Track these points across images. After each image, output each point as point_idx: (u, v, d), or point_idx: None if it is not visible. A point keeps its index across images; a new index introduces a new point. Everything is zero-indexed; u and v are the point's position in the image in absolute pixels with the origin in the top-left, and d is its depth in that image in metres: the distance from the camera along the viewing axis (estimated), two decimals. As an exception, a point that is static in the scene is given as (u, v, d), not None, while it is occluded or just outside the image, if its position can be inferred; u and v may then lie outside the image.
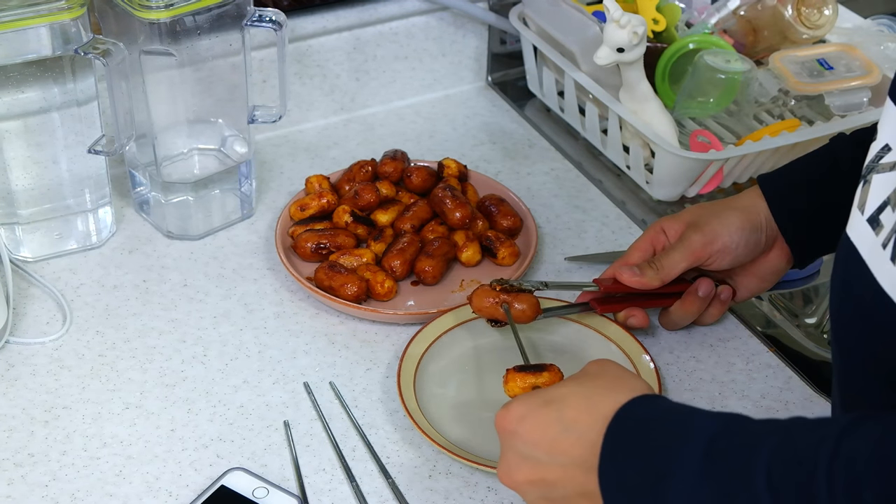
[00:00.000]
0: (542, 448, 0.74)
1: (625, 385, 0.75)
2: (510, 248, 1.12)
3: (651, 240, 1.02)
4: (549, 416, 0.75)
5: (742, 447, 0.64)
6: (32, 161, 1.08)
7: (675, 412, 0.71)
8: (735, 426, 0.67)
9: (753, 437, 0.65)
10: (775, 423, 0.66)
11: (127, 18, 1.05)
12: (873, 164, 0.74)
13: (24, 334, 1.04)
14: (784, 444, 0.63)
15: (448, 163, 1.21)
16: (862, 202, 0.74)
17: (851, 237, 0.75)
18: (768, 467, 0.62)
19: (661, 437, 0.68)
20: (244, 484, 0.89)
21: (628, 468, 0.69)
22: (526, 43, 1.36)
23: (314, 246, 1.11)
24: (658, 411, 0.71)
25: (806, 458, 0.61)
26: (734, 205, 1.00)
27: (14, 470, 0.91)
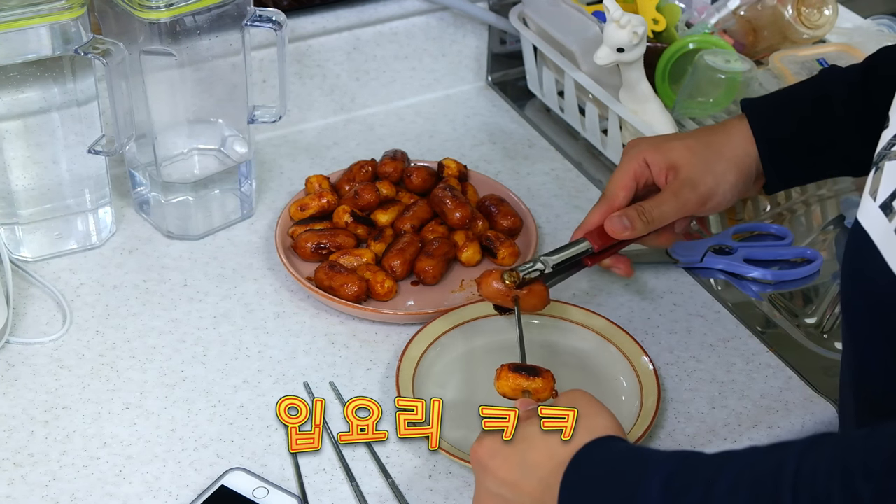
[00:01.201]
0: (507, 487, 0.76)
1: (589, 425, 0.75)
2: (510, 248, 1.12)
3: (634, 175, 0.98)
4: (514, 457, 0.77)
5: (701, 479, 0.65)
6: (32, 161, 1.08)
7: (631, 453, 0.72)
8: (692, 461, 0.68)
9: (712, 469, 0.66)
10: (730, 453, 0.66)
11: (127, 18, 1.05)
12: (886, 150, 0.74)
13: (24, 334, 1.04)
14: (744, 472, 0.64)
15: (448, 163, 1.21)
16: (874, 189, 0.74)
17: (863, 223, 0.75)
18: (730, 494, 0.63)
19: (618, 478, 0.70)
20: (244, 484, 0.89)
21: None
22: (526, 43, 1.36)
23: (314, 246, 1.11)
24: (613, 454, 0.73)
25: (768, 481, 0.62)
26: (728, 154, 0.97)
27: (14, 470, 0.91)
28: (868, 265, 0.73)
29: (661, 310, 1.09)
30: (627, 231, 0.96)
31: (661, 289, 1.11)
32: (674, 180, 0.97)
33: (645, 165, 0.98)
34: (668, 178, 0.97)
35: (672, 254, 1.14)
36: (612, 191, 0.98)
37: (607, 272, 1.12)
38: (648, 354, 1.00)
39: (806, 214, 1.24)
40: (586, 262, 1.00)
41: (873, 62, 0.96)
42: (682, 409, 0.98)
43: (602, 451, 0.73)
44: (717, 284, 1.13)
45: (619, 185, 0.98)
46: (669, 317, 1.08)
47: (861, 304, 0.77)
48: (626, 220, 0.96)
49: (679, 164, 0.97)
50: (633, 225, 0.96)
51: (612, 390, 0.99)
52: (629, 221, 0.96)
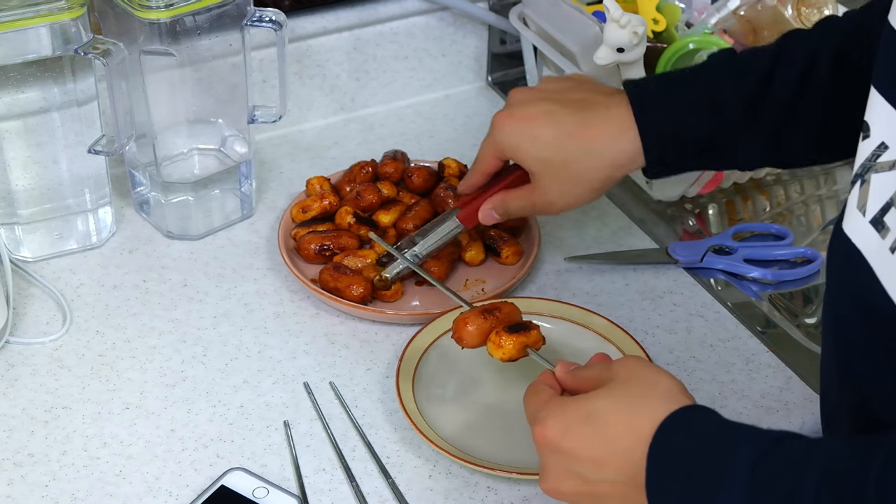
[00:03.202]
0: (588, 466, 0.73)
1: (658, 393, 0.74)
2: (514, 248, 1.12)
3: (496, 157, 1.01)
4: (591, 433, 0.74)
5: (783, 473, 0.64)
6: (32, 161, 1.08)
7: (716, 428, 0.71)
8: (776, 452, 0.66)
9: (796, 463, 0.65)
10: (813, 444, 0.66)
11: (127, 18, 1.05)
12: (870, 162, 0.72)
13: (24, 334, 1.04)
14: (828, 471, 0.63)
15: (448, 163, 1.21)
16: (862, 203, 0.72)
17: (852, 237, 0.73)
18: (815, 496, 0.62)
19: (703, 459, 0.68)
20: (244, 484, 0.89)
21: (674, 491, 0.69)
22: (526, 43, 1.36)
23: (318, 247, 1.11)
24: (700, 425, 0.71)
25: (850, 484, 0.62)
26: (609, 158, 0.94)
27: (14, 470, 0.91)
28: (861, 281, 0.72)
29: (661, 310, 1.09)
30: (496, 220, 1.04)
31: (661, 289, 1.11)
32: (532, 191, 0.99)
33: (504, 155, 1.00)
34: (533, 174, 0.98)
35: (672, 254, 1.14)
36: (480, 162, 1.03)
37: (608, 272, 1.13)
38: (648, 354, 1.00)
39: (806, 214, 1.24)
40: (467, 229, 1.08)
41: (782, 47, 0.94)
42: (683, 409, 0.98)
43: (690, 422, 0.71)
44: (717, 284, 1.13)
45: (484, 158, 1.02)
46: (669, 317, 1.08)
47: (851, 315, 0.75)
48: (495, 212, 1.03)
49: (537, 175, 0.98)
50: (502, 217, 1.03)
51: (613, 390, 0.99)
52: (497, 214, 1.03)
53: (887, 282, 0.69)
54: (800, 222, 1.23)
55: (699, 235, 1.19)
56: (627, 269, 1.14)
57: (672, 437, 0.71)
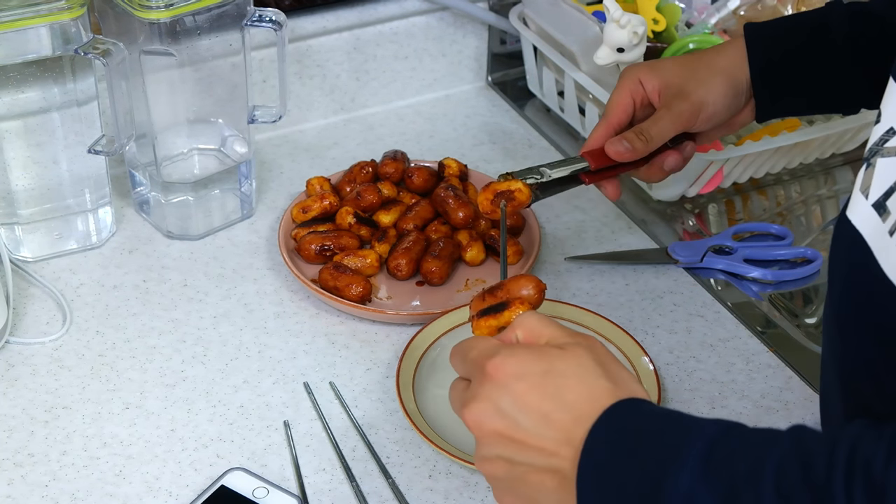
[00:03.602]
0: (531, 415, 0.70)
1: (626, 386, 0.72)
2: (514, 247, 1.12)
3: (630, 93, 1.01)
4: (548, 387, 0.70)
5: (746, 451, 0.63)
6: (32, 161, 1.08)
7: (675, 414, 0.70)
8: (737, 431, 0.65)
9: (757, 442, 0.63)
10: (777, 431, 0.64)
11: (127, 18, 1.05)
12: (877, 146, 0.73)
13: (24, 334, 1.04)
14: (792, 450, 0.61)
15: (449, 162, 1.21)
16: (865, 186, 0.73)
17: (854, 221, 0.74)
18: (777, 471, 0.60)
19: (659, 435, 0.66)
20: (244, 484, 0.89)
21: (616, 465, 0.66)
22: (526, 43, 1.36)
23: (318, 248, 1.11)
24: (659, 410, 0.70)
25: (818, 462, 0.60)
26: (718, 65, 1.00)
27: (14, 470, 0.91)
28: (860, 265, 0.72)
29: (661, 310, 1.09)
30: (628, 153, 0.98)
31: (661, 289, 1.11)
32: (666, 95, 0.99)
33: (639, 84, 1.00)
34: (662, 95, 1.00)
35: (672, 254, 1.14)
36: (609, 110, 1.01)
37: (608, 272, 1.13)
38: (648, 354, 1.00)
39: (806, 214, 1.24)
40: (583, 179, 1.01)
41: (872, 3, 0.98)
42: (683, 409, 0.98)
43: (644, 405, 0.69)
44: (717, 284, 1.13)
45: (616, 103, 1.01)
46: (669, 317, 1.08)
47: (850, 303, 0.75)
48: (626, 142, 0.98)
49: (670, 80, 0.99)
50: (633, 146, 0.98)
51: (613, 390, 0.99)
52: (628, 143, 0.98)
53: (886, 264, 0.69)
54: (800, 222, 1.23)
55: (699, 235, 1.19)
56: (627, 269, 1.14)
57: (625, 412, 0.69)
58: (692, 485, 0.62)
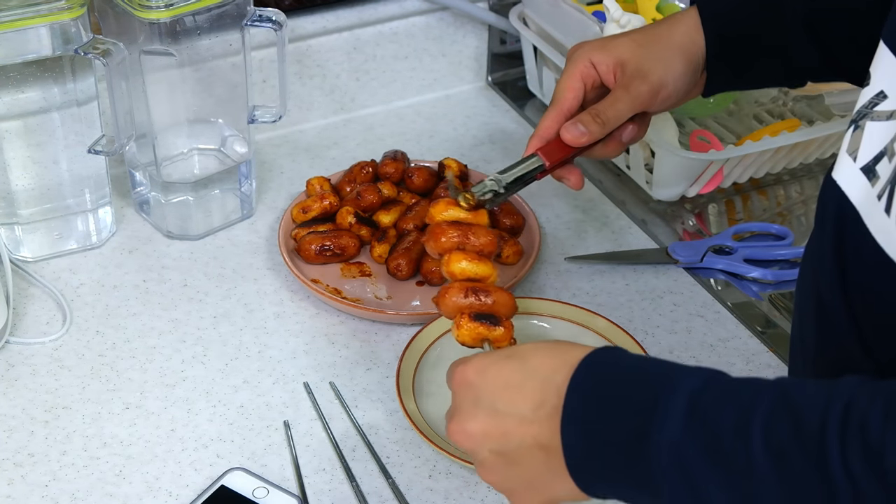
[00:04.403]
0: (500, 397, 0.69)
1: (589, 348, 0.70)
2: (514, 247, 1.12)
3: (581, 76, 0.95)
4: (511, 365, 0.70)
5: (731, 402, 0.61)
6: (32, 161, 1.08)
7: (651, 361, 0.67)
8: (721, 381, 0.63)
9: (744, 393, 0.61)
10: (762, 380, 0.62)
11: (127, 18, 1.05)
12: (866, 109, 0.72)
13: (24, 334, 1.04)
14: (782, 404, 0.59)
15: (449, 163, 1.21)
16: (853, 148, 0.72)
17: (840, 183, 0.73)
18: (766, 426, 0.59)
19: (636, 386, 0.64)
20: (244, 484, 0.89)
21: (596, 416, 0.65)
22: (526, 43, 1.36)
23: (318, 248, 1.11)
24: (630, 359, 0.68)
25: (809, 418, 0.58)
26: (675, 42, 0.95)
27: (14, 470, 0.91)
28: (847, 228, 0.71)
29: (661, 310, 1.09)
30: (584, 137, 0.92)
31: (661, 289, 1.11)
32: (622, 76, 0.94)
33: (591, 66, 0.95)
34: (617, 76, 0.95)
35: (672, 254, 1.14)
36: (559, 94, 0.95)
37: (608, 272, 1.13)
38: (648, 354, 1.00)
39: (806, 214, 1.24)
40: (537, 177, 0.96)
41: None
42: (683, 409, 0.98)
43: (615, 355, 0.68)
44: (717, 284, 1.13)
45: (565, 87, 0.94)
46: (669, 317, 1.08)
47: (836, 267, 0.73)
48: (581, 125, 0.92)
49: (626, 59, 0.94)
50: (589, 129, 0.92)
51: (613, 390, 0.99)
52: (584, 126, 0.92)
53: (874, 227, 0.69)
54: (800, 222, 1.23)
55: (699, 235, 1.19)
56: (627, 269, 1.14)
57: (598, 363, 0.67)
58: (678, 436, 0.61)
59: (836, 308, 0.73)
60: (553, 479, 0.68)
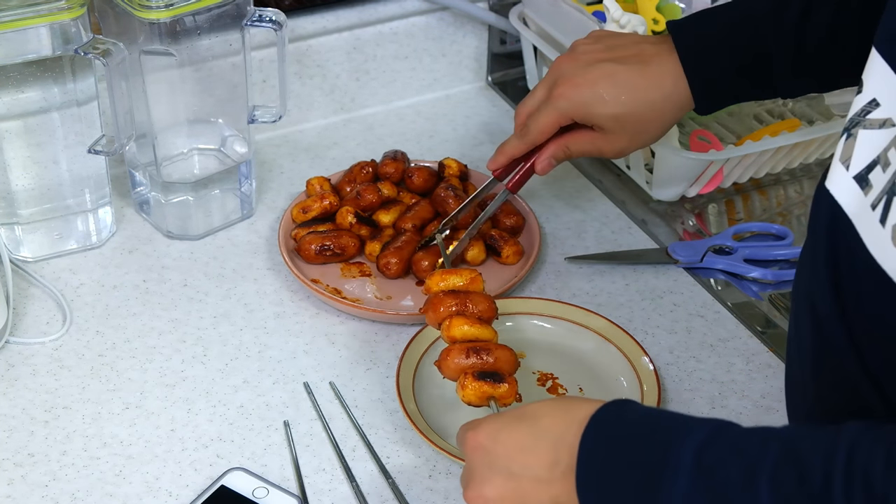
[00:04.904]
0: (515, 460, 0.72)
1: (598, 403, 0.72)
2: (514, 247, 1.12)
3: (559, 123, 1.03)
4: (522, 428, 0.73)
5: (737, 455, 0.62)
6: (32, 161, 1.08)
7: (658, 415, 0.69)
8: (728, 433, 0.65)
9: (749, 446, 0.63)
10: (768, 430, 0.64)
11: (127, 18, 1.05)
12: (859, 117, 0.71)
13: (24, 334, 1.04)
14: (787, 456, 0.61)
15: (449, 162, 1.21)
16: (846, 157, 0.72)
17: (833, 192, 0.73)
18: (772, 479, 0.60)
19: (644, 442, 0.66)
20: (244, 484, 0.89)
21: (608, 475, 0.67)
22: (526, 43, 1.36)
23: (318, 248, 1.11)
24: (637, 413, 0.70)
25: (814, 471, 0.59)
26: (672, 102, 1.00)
27: (14, 470, 0.91)
28: (840, 238, 0.71)
29: (661, 310, 1.09)
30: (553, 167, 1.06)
31: (661, 289, 1.11)
32: (599, 138, 1.02)
33: (569, 119, 1.02)
34: (596, 129, 1.02)
35: (672, 254, 1.14)
36: (535, 134, 1.04)
37: (608, 272, 1.13)
38: (648, 354, 1.00)
39: (806, 214, 1.24)
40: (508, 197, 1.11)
41: None
42: (683, 409, 0.98)
43: (624, 410, 0.69)
44: (717, 284, 1.13)
45: (542, 130, 1.03)
46: (669, 317, 1.08)
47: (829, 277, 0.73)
48: (555, 160, 1.05)
49: (606, 128, 1.01)
50: (559, 162, 1.06)
51: (613, 390, 0.99)
52: (556, 161, 1.05)
53: (868, 237, 0.69)
54: (800, 222, 1.23)
55: (699, 235, 1.19)
56: (627, 269, 1.14)
57: (607, 420, 0.69)
58: (686, 491, 0.62)
59: (829, 316, 0.73)
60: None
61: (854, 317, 0.71)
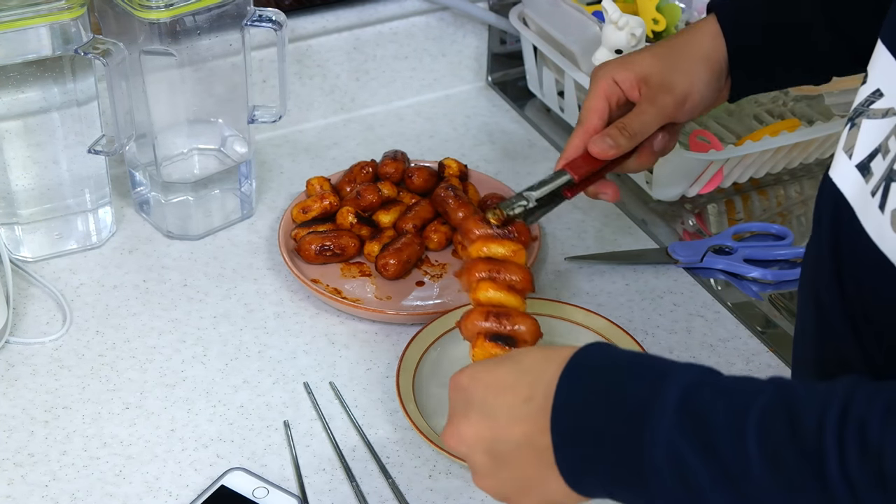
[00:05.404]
0: (491, 398, 0.69)
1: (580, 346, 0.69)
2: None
3: (605, 95, 0.96)
4: (503, 367, 0.70)
5: (725, 399, 0.60)
6: (32, 161, 1.08)
7: (642, 357, 0.67)
8: (714, 376, 0.62)
9: (738, 391, 0.60)
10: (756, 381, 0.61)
11: (127, 18, 1.05)
12: (862, 107, 0.72)
13: (24, 334, 1.04)
14: (779, 402, 0.59)
15: (449, 163, 1.21)
16: (849, 146, 0.72)
17: (836, 181, 0.73)
18: (760, 423, 0.58)
19: (628, 380, 0.63)
20: (244, 484, 0.89)
21: (587, 408, 0.64)
22: (526, 43, 1.36)
23: (318, 248, 1.11)
24: (622, 353, 0.67)
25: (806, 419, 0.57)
26: (697, 52, 0.95)
27: (14, 470, 0.91)
28: (843, 226, 0.71)
29: (661, 310, 1.09)
30: (613, 150, 0.93)
31: (661, 289, 1.11)
32: (647, 89, 0.95)
33: (614, 84, 0.96)
34: (642, 90, 0.95)
35: (672, 254, 1.14)
36: (585, 115, 0.96)
37: (608, 272, 1.13)
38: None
39: (806, 214, 1.24)
40: (566, 195, 0.96)
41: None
42: (682, 409, 0.98)
43: (608, 349, 0.67)
44: (717, 284, 1.13)
45: (591, 107, 0.95)
46: (669, 317, 1.08)
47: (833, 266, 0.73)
48: (609, 139, 0.93)
49: (649, 73, 0.95)
50: (617, 142, 0.93)
51: (613, 390, 0.99)
52: (612, 140, 0.93)
53: (868, 225, 0.69)
54: (800, 222, 1.23)
55: (699, 235, 1.19)
56: (627, 269, 1.14)
57: (589, 357, 0.66)
58: (671, 432, 0.60)
59: (833, 307, 0.74)
60: (545, 478, 0.66)
61: (855, 301, 0.72)
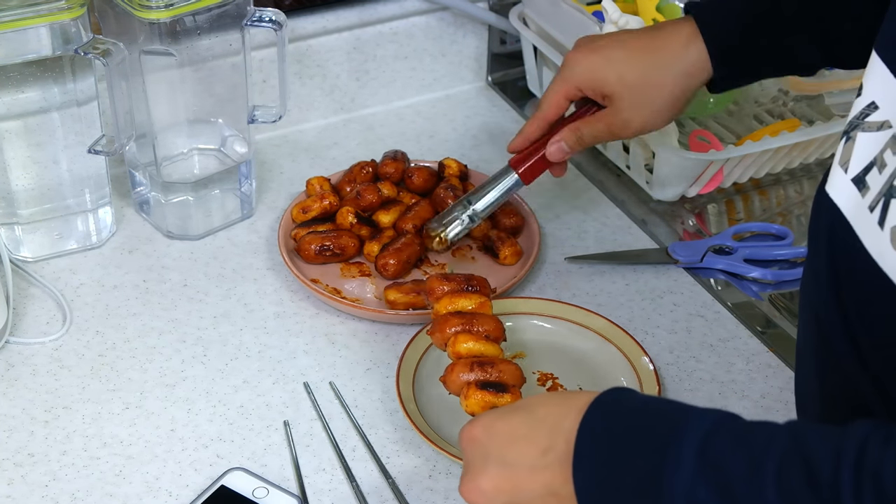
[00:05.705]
0: (509, 449, 0.70)
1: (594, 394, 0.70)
2: (513, 248, 1.12)
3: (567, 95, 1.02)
4: (518, 417, 0.71)
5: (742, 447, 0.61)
6: (32, 161, 1.08)
7: (661, 402, 0.67)
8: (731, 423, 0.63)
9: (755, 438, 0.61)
10: (772, 425, 0.62)
11: (127, 18, 1.05)
12: (858, 120, 0.72)
13: (24, 334, 1.04)
14: (794, 450, 0.59)
15: (449, 163, 1.21)
16: (845, 160, 0.72)
17: (833, 196, 0.73)
18: (778, 473, 0.59)
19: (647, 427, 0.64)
20: (244, 484, 0.89)
21: (608, 458, 0.64)
22: (526, 43, 1.36)
23: (318, 248, 1.11)
24: (639, 399, 0.67)
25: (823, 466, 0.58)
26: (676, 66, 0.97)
27: (14, 470, 0.91)
28: (840, 241, 0.71)
29: (661, 310, 1.09)
30: (567, 155, 1.04)
31: (661, 289, 1.11)
32: (610, 108, 1.00)
33: (578, 91, 1.02)
34: (605, 102, 1.01)
35: (672, 254, 1.14)
36: (544, 105, 1.03)
37: (608, 272, 1.13)
38: (648, 354, 1.00)
39: (806, 214, 1.24)
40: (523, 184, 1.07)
41: None
42: (682, 409, 0.98)
43: (625, 396, 0.67)
44: (717, 284, 1.13)
45: (551, 101, 1.03)
46: (669, 317, 1.08)
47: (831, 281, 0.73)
48: (565, 144, 1.03)
49: (615, 93, 0.99)
50: (571, 147, 1.03)
51: (612, 390, 0.99)
52: (566, 145, 1.03)
53: (867, 240, 0.68)
54: (800, 222, 1.23)
55: (699, 235, 1.19)
56: (627, 269, 1.14)
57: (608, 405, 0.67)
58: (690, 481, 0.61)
59: (832, 324, 0.73)
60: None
61: (855, 319, 0.71)
